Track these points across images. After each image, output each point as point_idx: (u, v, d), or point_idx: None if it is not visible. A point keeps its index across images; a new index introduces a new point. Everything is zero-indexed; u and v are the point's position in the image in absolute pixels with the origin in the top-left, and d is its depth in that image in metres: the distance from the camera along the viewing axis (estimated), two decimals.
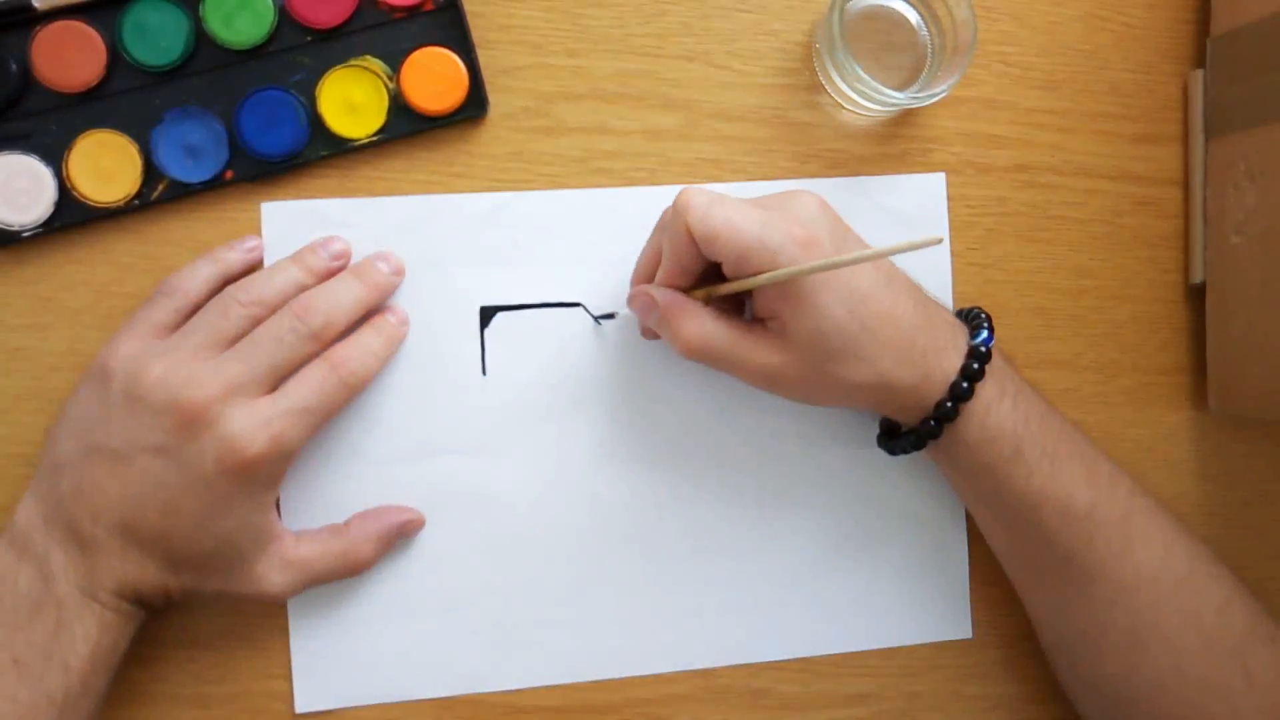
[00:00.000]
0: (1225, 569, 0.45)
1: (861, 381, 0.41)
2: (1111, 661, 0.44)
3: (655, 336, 0.46)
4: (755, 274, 0.40)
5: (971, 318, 0.45)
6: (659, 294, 0.43)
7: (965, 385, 0.41)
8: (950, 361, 0.42)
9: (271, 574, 0.42)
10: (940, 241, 0.35)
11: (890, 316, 0.41)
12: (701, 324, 0.42)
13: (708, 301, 0.43)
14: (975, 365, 0.42)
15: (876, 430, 0.48)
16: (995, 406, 0.42)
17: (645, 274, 0.45)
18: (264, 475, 0.40)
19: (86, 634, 0.39)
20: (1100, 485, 0.43)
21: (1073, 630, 0.45)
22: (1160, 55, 0.52)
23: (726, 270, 0.41)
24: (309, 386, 0.41)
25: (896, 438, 0.45)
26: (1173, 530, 0.45)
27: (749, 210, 0.40)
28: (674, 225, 0.41)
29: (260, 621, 0.46)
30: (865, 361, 0.41)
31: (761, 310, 0.42)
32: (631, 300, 0.44)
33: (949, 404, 0.42)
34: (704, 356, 0.42)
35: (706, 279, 0.43)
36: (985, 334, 0.43)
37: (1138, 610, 0.43)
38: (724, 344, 0.42)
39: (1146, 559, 0.43)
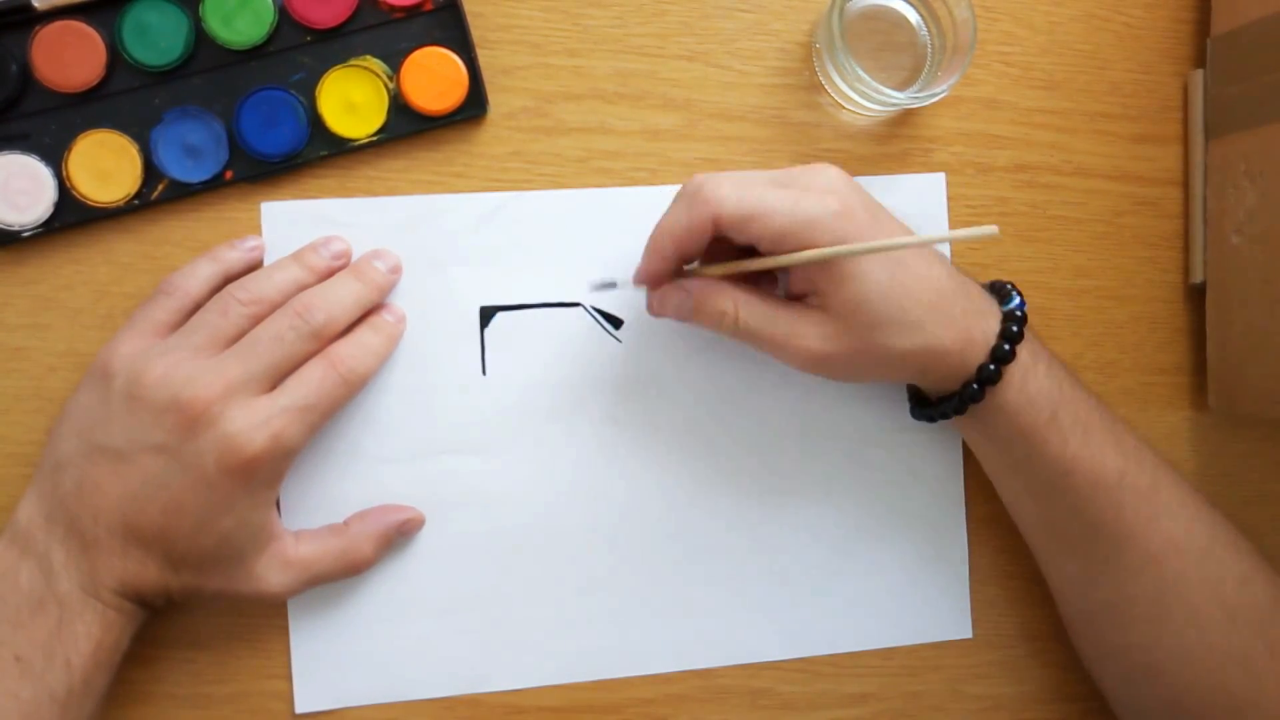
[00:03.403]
0: (1246, 542, 0.45)
1: (909, 348, 0.41)
2: (1135, 632, 0.44)
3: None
4: (794, 249, 0.39)
5: (999, 288, 0.45)
6: (689, 285, 0.42)
7: (1006, 347, 0.41)
8: (989, 325, 0.42)
9: (271, 574, 0.42)
10: (996, 232, 0.35)
11: (929, 280, 0.41)
12: (737, 302, 0.42)
13: (730, 276, 0.42)
14: (1014, 328, 0.42)
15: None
16: (1032, 371, 0.42)
17: (656, 264, 0.43)
18: (265, 474, 0.40)
19: (89, 632, 0.39)
20: (1129, 454, 0.44)
21: (1098, 600, 0.45)
22: (1160, 55, 0.52)
23: (762, 249, 0.41)
24: (309, 385, 0.41)
25: (933, 405, 0.45)
26: (1196, 502, 0.45)
27: (778, 190, 0.40)
28: (695, 213, 0.40)
29: (260, 621, 0.46)
30: (910, 327, 0.41)
31: (798, 286, 0.42)
32: (663, 304, 0.43)
33: (991, 366, 0.41)
34: (741, 337, 0.42)
35: (717, 256, 0.43)
36: (1018, 299, 0.44)
37: (1163, 580, 0.43)
38: (764, 322, 0.42)
39: (1173, 529, 0.43)
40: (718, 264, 0.43)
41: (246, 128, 0.45)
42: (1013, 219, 0.51)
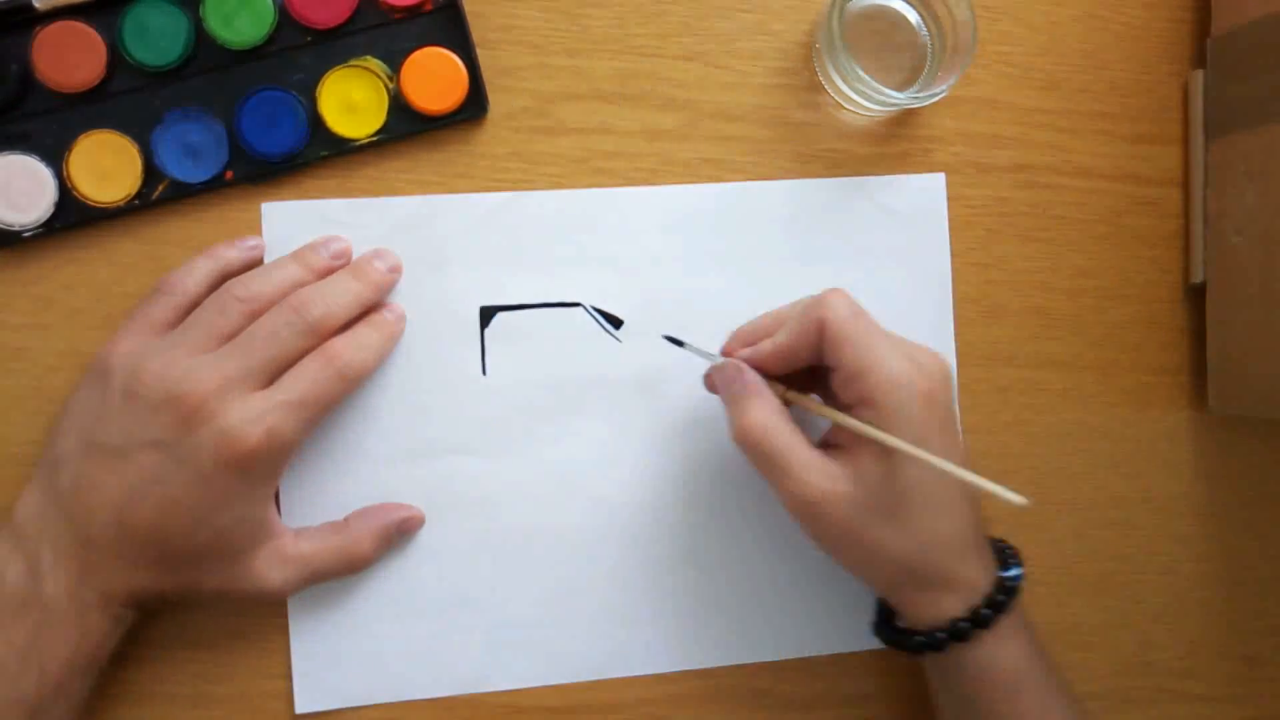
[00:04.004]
0: None
1: (898, 555, 0.40)
2: None
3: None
4: (861, 397, 0.39)
5: (1000, 549, 0.44)
6: (749, 373, 0.42)
7: (987, 612, 0.40)
8: (980, 578, 0.41)
9: (271, 570, 0.42)
10: (1027, 504, 0.35)
11: (959, 517, 0.40)
12: (768, 412, 0.41)
13: (784, 399, 0.42)
14: (1002, 598, 0.41)
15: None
16: (1005, 643, 0.41)
17: (748, 338, 0.43)
18: (261, 468, 0.40)
19: (66, 638, 0.39)
20: None
21: None
22: (1160, 55, 0.52)
23: (835, 381, 0.41)
24: (305, 379, 0.41)
25: (897, 632, 0.44)
26: None
27: (889, 337, 0.40)
28: (808, 314, 0.40)
29: (260, 621, 0.46)
30: (912, 538, 0.40)
31: (840, 435, 0.42)
32: (721, 368, 0.43)
33: (964, 623, 0.40)
34: (754, 446, 0.41)
35: (798, 384, 0.43)
36: (1018, 570, 0.42)
37: None
38: (780, 443, 0.40)
39: None
40: (780, 384, 0.43)
41: (247, 128, 0.45)
42: (1013, 219, 0.51)
